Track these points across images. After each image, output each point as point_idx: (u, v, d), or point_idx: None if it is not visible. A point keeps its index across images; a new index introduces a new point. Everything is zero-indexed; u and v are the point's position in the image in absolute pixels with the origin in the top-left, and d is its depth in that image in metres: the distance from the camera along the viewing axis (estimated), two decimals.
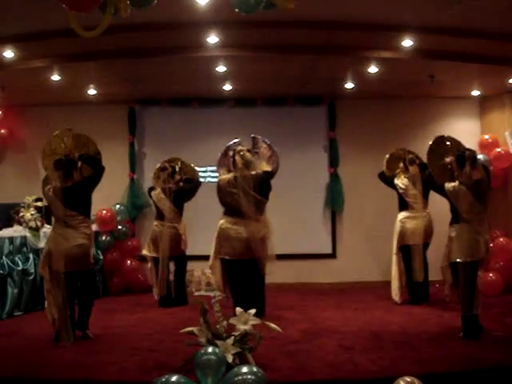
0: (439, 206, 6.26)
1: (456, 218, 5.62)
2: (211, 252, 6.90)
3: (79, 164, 5.91)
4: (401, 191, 7.64)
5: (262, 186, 6.66)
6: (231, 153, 6.92)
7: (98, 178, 5.95)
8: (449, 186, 5.63)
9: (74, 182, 5.77)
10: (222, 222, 6.75)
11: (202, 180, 8.30)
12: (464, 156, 5.57)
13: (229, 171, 6.90)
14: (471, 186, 5.49)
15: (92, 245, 5.96)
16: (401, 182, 7.66)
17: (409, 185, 7.55)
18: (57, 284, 5.58)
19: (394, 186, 7.77)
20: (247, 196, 6.53)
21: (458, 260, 5.50)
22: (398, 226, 7.60)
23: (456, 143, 6.08)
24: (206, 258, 8.32)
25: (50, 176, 5.93)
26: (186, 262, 7.98)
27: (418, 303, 7.36)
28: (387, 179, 7.92)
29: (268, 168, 7.03)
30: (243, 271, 6.61)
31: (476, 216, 5.49)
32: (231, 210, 6.67)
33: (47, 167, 5.99)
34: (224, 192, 6.69)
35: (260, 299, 6.66)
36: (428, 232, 7.51)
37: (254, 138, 7.31)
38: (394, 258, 7.62)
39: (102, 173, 6.00)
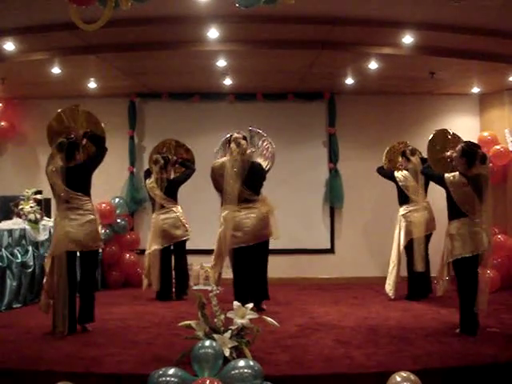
0: (440, 199, 6.25)
1: (454, 214, 5.62)
2: (215, 249, 6.91)
3: (84, 141, 5.94)
4: (401, 184, 7.64)
5: (255, 175, 6.70)
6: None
7: (99, 157, 5.95)
8: (449, 175, 5.63)
9: (76, 162, 5.79)
10: (224, 213, 6.74)
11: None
12: (476, 154, 5.56)
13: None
14: (471, 178, 5.50)
15: (99, 222, 5.97)
16: (401, 174, 7.66)
17: (409, 176, 7.56)
18: (58, 267, 5.58)
19: (393, 179, 7.76)
20: (235, 181, 6.53)
21: (463, 255, 5.50)
22: (402, 222, 7.60)
23: (457, 138, 6.11)
24: (203, 252, 8.40)
25: (53, 155, 5.83)
26: (185, 248, 7.93)
27: (417, 298, 7.40)
28: (386, 172, 7.92)
29: (263, 163, 7.10)
30: (250, 256, 6.64)
31: (473, 209, 5.49)
32: (232, 196, 6.65)
33: (52, 144, 5.96)
34: (217, 174, 6.73)
35: (264, 283, 6.79)
36: (430, 222, 7.51)
37: (250, 130, 7.33)
38: (395, 253, 7.62)
39: (105, 153, 6.00)
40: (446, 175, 5.65)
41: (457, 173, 5.61)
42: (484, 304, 5.44)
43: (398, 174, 7.70)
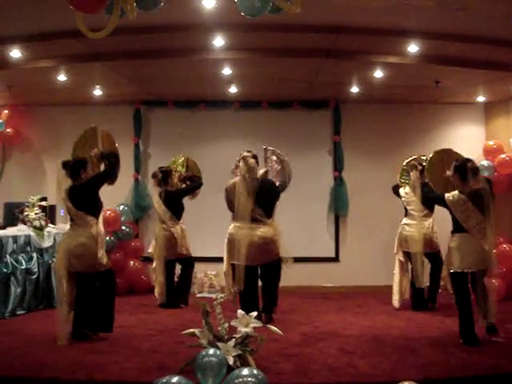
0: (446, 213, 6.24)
1: (457, 228, 5.62)
2: (224, 257, 6.85)
3: (104, 162, 5.95)
4: (403, 199, 7.58)
5: (266, 194, 6.62)
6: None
7: (108, 175, 5.93)
8: (449, 195, 5.63)
9: (81, 181, 5.80)
10: (230, 227, 6.66)
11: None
12: (466, 168, 5.56)
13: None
14: (471, 195, 5.49)
15: (99, 246, 5.79)
16: (403, 190, 7.62)
17: (410, 192, 7.50)
18: (59, 282, 5.66)
19: (399, 196, 7.71)
20: (247, 200, 6.45)
21: (458, 270, 5.52)
22: (398, 231, 7.60)
23: (456, 156, 6.04)
24: (208, 260, 8.42)
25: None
26: (191, 264, 7.94)
27: (418, 309, 7.35)
28: (395, 190, 7.85)
29: (278, 180, 7.09)
30: (253, 277, 6.54)
31: (476, 226, 5.47)
32: (243, 214, 6.56)
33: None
34: (230, 195, 6.66)
35: (271, 302, 6.66)
36: (427, 241, 7.36)
37: (265, 149, 7.29)
38: (396, 263, 7.61)
39: (113, 171, 5.95)
40: (446, 195, 5.65)
41: (456, 191, 5.60)
42: (492, 315, 5.47)
43: (401, 191, 7.63)
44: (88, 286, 5.78)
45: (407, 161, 7.73)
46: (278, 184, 7.08)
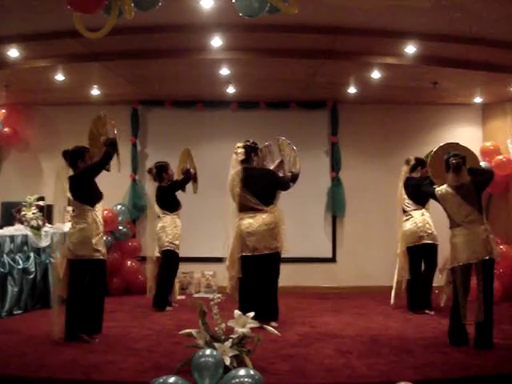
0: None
1: (453, 223, 5.63)
2: (228, 252, 6.81)
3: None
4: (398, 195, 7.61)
5: (262, 183, 6.62)
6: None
7: (99, 167, 5.84)
8: (438, 189, 5.67)
9: (79, 170, 5.80)
10: (236, 220, 6.62)
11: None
12: (449, 162, 5.59)
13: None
14: (458, 188, 5.52)
15: (93, 232, 5.71)
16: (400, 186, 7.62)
17: (401, 187, 7.51)
18: (54, 273, 5.69)
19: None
20: (239, 190, 6.50)
21: (456, 264, 5.52)
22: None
23: (462, 150, 6.02)
24: (205, 259, 8.39)
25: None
26: (168, 259, 7.58)
27: (413, 310, 7.31)
28: None
29: (295, 169, 7.11)
30: (255, 268, 6.48)
31: (466, 218, 5.48)
32: (240, 204, 6.61)
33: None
34: (230, 186, 6.68)
35: (272, 302, 6.56)
36: (415, 234, 7.30)
37: (277, 139, 7.26)
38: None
39: (108, 159, 5.85)
40: (436, 189, 5.69)
41: (444, 185, 5.63)
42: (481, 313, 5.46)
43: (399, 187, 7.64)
44: (78, 277, 5.73)
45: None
46: (294, 170, 7.07)
